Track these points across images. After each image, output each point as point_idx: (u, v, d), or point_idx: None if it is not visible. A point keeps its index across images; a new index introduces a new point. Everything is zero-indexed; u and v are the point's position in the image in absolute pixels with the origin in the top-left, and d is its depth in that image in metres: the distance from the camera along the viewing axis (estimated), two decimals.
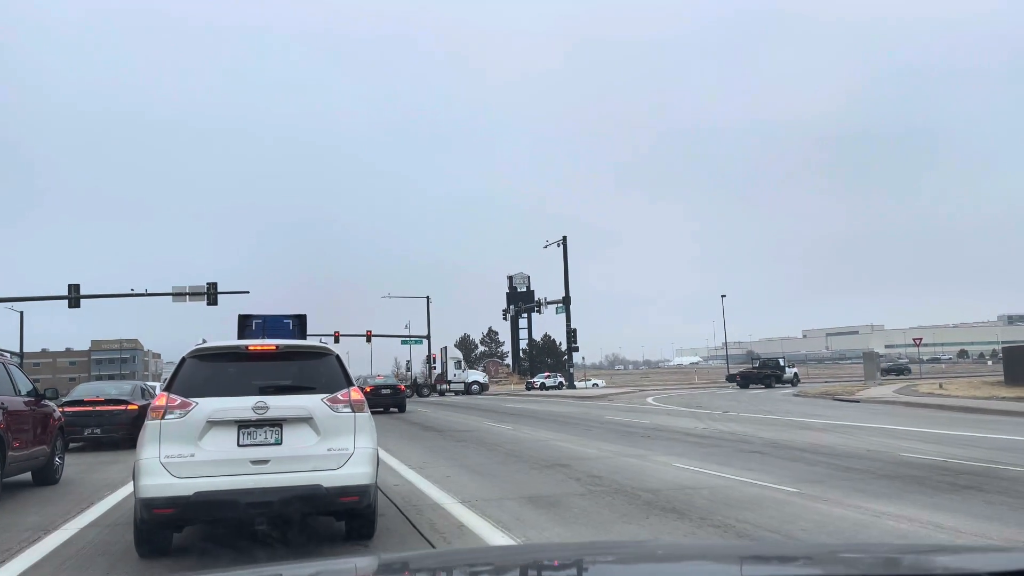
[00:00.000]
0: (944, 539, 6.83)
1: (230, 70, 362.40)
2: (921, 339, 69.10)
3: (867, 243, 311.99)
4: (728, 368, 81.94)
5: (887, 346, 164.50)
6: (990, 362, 76.40)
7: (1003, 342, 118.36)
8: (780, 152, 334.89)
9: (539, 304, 73.65)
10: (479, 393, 63.16)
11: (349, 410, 6.59)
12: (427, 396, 60.74)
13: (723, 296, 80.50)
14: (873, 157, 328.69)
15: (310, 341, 9.49)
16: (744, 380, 55.68)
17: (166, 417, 6.26)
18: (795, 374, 57.48)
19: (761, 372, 56.24)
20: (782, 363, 58.79)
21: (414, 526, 7.71)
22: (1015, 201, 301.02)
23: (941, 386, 38.18)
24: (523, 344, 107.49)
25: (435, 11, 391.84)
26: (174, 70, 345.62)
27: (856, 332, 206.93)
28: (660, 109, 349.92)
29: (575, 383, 65.87)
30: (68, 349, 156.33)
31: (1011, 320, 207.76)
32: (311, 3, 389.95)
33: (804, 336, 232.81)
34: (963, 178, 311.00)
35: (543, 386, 68.91)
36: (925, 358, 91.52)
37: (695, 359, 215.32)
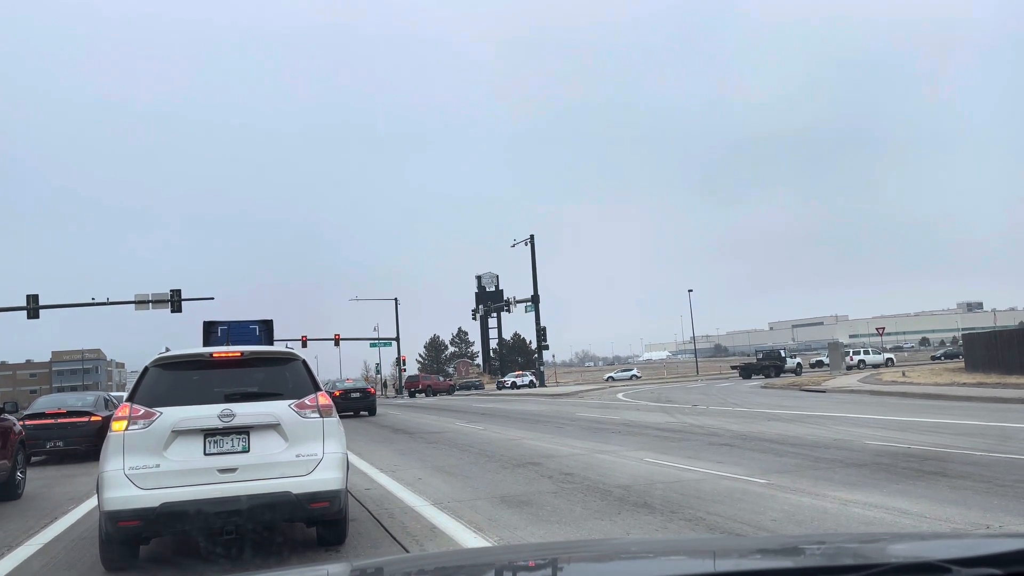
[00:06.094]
0: (909, 525, 6.96)
1: (192, 72, 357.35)
2: (884, 328, 70.30)
3: (829, 234, 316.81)
4: (697, 361, 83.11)
5: (851, 336, 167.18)
6: (941, 353, 77.90)
7: (962, 329, 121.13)
8: (737, 146, 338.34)
9: (508, 303, 73.65)
10: None
11: (317, 415, 6.54)
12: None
13: (690, 291, 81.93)
14: (830, 149, 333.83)
15: (276, 347, 9.40)
16: (746, 371, 56.56)
17: (130, 428, 6.16)
18: (798, 364, 57.58)
19: (762, 364, 56.99)
20: (783, 354, 59.42)
21: (386, 530, 7.67)
22: (972, 191, 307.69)
23: (904, 374, 38.93)
24: (493, 343, 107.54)
25: (399, 10, 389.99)
26: (135, 72, 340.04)
27: (821, 323, 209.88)
28: (621, 104, 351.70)
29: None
30: (28, 361, 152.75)
31: (970, 307, 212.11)
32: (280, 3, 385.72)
33: (770, 328, 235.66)
34: (920, 169, 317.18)
35: (514, 385, 69.02)
36: (888, 347, 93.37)
37: (664, 354, 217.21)
